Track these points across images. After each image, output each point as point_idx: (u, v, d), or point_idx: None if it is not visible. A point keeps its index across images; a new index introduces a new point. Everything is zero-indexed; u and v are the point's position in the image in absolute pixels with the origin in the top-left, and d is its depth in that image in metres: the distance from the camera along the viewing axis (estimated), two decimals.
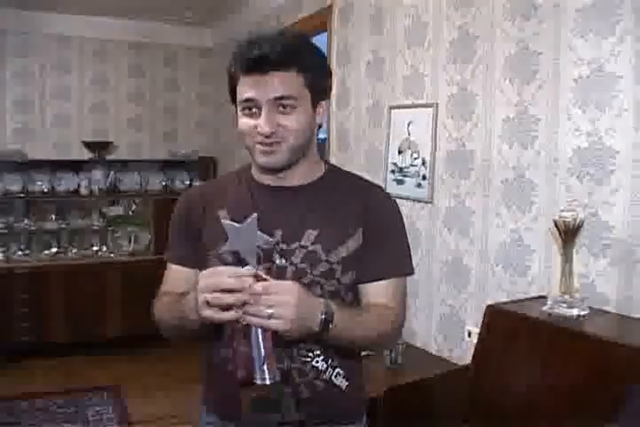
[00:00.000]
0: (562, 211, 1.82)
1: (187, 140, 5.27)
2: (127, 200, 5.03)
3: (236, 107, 1.27)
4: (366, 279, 1.38)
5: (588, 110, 1.90)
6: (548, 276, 2.04)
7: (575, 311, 1.75)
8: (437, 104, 2.56)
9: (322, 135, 4.88)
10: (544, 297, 2.00)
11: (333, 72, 3.25)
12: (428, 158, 2.65)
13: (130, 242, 4.93)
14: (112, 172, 4.92)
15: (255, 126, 1.23)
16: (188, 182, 5.08)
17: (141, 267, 4.49)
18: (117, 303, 4.51)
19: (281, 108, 1.23)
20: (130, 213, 5.04)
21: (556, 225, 1.81)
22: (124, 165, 5.01)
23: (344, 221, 1.36)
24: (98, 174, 4.87)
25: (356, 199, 1.39)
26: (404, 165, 2.81)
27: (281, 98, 1.22)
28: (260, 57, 1.20)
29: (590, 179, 1.90)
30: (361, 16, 3.11)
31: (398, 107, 2.83)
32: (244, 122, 1.25)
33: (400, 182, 2.83)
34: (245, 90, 1.22)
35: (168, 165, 5.14)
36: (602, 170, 1.87)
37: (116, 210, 5.02)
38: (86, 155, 4.85)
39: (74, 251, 4.76)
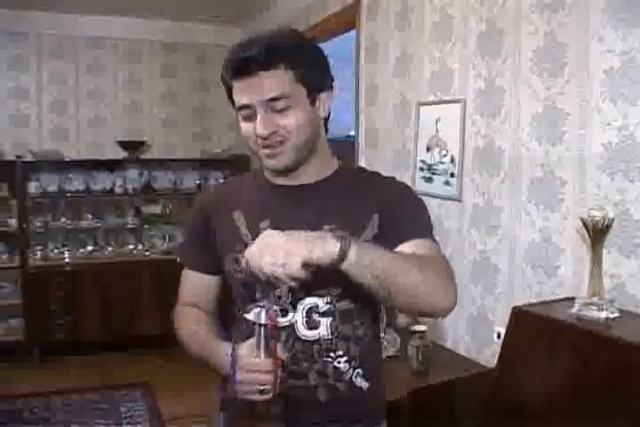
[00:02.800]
0: (590, 209, 1.76)
1: (219, 139, 5.30)
2: (162, 199, 5.08)
3: (236, 113, 1.26)
4: (396, 243, 1.27)
5: (619, 104, 1.83)
6: (581, 277, 1.97)
7: (604, 314, 1.68)
8: (465, 100, 2.50)
9: (351, 132, 4.86)
10: (572, 299, 1.95)
11: (362, 69, 3.27)
12: (456, 155, 2.59)
13: (164, 241, 4.97)
14: (146, 171, 4.98)
15: (254, 130, 1.22)
16: (222, 180, 5.09)
17: (175, 265, 4.51)
18: (151, 302, 4.56)
19: (276, 109, 1.20)
20: (165, 211, 5.08)
21: (585, 224, 1.74)
22: (159, 164, 5.06)
23: (359, 213, 1.34)
24: (132, 173, 4.94)
25: (370, 191, 1.36)
26: (432, 163, 2.76)
27: (274, 99, 1.19)
28: (245, 60, 1.18)
29: (622, 175, 1.83)
30: (387, 12, 3.06)
31: (426, 103, 2.77)
32: (244, 127, 1.25)
33: (429, 180, 2.78)
34: (239, 96, 1.22)
35: (201, 164, 5.18)
36: (634, 166, 1.79)
37: (151, 209, 5.07)
38: (121, 154, 4.91)
39: (109, 249, 4.83)
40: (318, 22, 3.75)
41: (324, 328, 1.32)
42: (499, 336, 2.34)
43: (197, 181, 5.11)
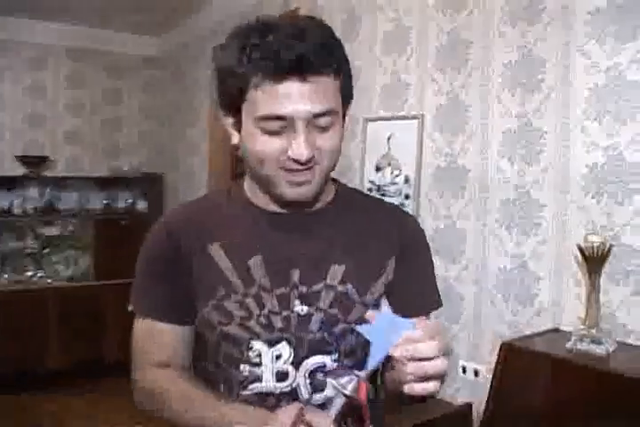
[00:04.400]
0: (588, 234, 1.62)
1: (129, 155, 4.89)
2: (65, 220, 4.61)
3: (236, 119, 0.98)
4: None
5: (606, 122, 1.72)
6: (562, 306, 1.83)
7: (603, 349, 1.54)
8: (423, 116, 2.34)
9: None
10: (557, 330, 1.81)
11: None
12: (411, 176, 2.42)
13: (68, 266, 4.52)
14: (48, 189, 4.51)
15: (284, 150, 0.93)
16: (131, 201, 4.71)
17: (82, 293, 4.13)
18: (56, 333, 4.09)
19: (320, 126, 0.94)
20: (68, 234, 4.62)
21: (581, 251, 1.60)
22: (62, 181, 4.59)
23: (375, 253, 1.11)
24: (33, 192, 4.46)
25: (387, 224, 1.14)
26: (382, 183, 2.58)
27: (321, 114, 0.93)
28: (298, 58, 0.89)
29: (609, 198, 1.71)
30: (331, 21, 2.86)
31: (376, 119, 2.60)
32: (266, 143, 0.94)
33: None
34: (271, 102, 0.91)
35: (110, 183, 4.75)
36: (623, 188, 1.68)
37: (53, 231, 4.60)
38: (20, 171, 4.41)
39: (5, 276, 4.31)
40: None
41: (332, 391, 1.08)
42: (464, 371, 2.18)
43: (105, 201, 4.70)
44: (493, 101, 2.05)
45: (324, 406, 1.06)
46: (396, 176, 2.50)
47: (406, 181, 2.46)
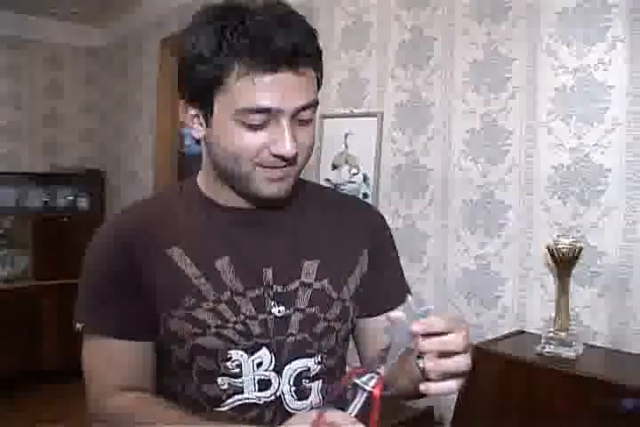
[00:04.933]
0: (559, 236, 1.60)
1: (70, 151, 4.67)
2: (1, 218, 4.38)
3: (204, 111, 0.89)
4: (375, 312, 1.08)
5: (573, 124, 1.70)
6: (525, 307, 1.82)
7: (573, 352, 1.53)
8: (383, 114, 2.30)
9: None
10: (523, 332, 1.79)
11: None
12: (370, 174, 2.37)
13: (4, 266, 4.29)
14: None
15: (265, 145, 0.86)
16: (71, 198, 4.50)
17: (19, 295, 3.92)
18: None
19: (302, 119, 0.88)
20: (3, 233, 4.39)
21: (551, 253, 1.58)
22: None
23: (347, 245, 1.07)
24: None
25: (355, 217, 1.10)
26: (339, 182, 2.52)
27: (305, 107, 0.87)
28: (293, 48, 0.82)
29: (576, 199, 1.70)
30: None
31: (332, 116, 2.54)
32: (245, 137, 0.87)
33: None
34: (257, 94, 0.83)
35: (49, 179, 4.53)
36: (589, 190, 1.67)
37: None
38: None
39: None
40: None
41: (315, 395, 1.01)
42: None
43: (44, 199, 4.48)
44: (457, 100, 2.02)
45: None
46: (354, 175, 2.45)
47: (364, 179, 2.40)
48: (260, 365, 0.95)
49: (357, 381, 0.76)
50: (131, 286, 0.95)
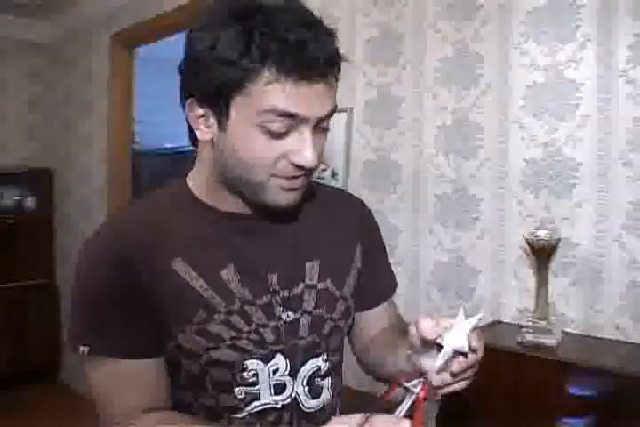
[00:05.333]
0: (536, 229, 1.66)
1: (16, 149, 4.49)
2: None
3: (217, 113, 0.85)
4: (370, 306, 1.14)
5: (545, 119, 1.76)
6: (500, 298, 1.87)
7: (553, 339, 1.59)
8: (352, 109, 2.31)
9: (168, 144, 4.43)
10: (500, 322, 1.85)
11: None
12: (339, 170, 2.39)
13: None
14: None
15: (284, 154, 0.85)
16: (18, 198, 4.33)
17: None
18: None
19: (321, 127, 0.87)
20: None
21: (529, 244, 1.64)
22: None
23: (343, 242, 1.09)
24: None
25: (346, 212, 1.13)
26: None
27: (327, 115, 0.86)
28: (328, 60, 0.83)
29: (548, 193, 1.76)
30: None
31: None
32: (267, 145, 0.84)
33: None
34: (288, 101, 0.81)
35: None
36: (561, 183, 1.74)
37: None
38: None
39: None
40: (151, 19, 3.32)
41: (327, 392, 1.04)
42: None
43: None
44: (428, 96, 2.05)
45: (320, 411, 1.02)
46: (323, 170, 2.46)
47: (334, 175, 2.42)
48: (276, 371, 0.96)
49: (407, 385, 0.78)
50: (135, 303, 0.90)
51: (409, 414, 0.76)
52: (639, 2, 1.57)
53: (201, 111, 0.87)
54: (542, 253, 1.62)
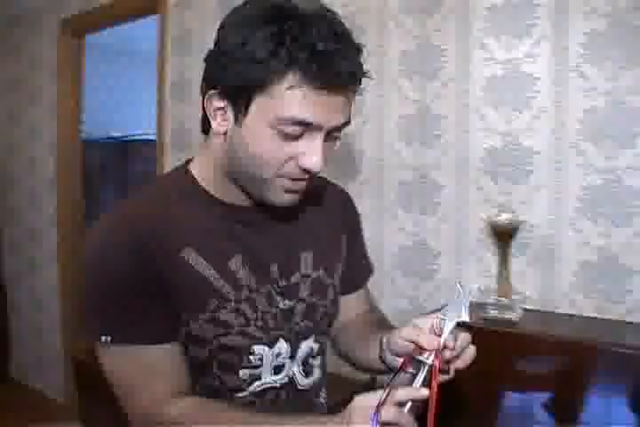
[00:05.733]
0: (498, 212, 1.78)
1: None
2: None
3: (236, 106, 0.88)
4: (348, 290, 1.23)
5: (503, 110, 1.89)
6: (459, 279, 1.99)
7: (516, 315, 1.72)
8: None
9: (114, 133, 4.37)
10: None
11: (167, 61, 2.95)
12: None
13: None
14: None
15: (293, 156, 0.88)
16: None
17: None
18: None
19: (332, 135, 0.92)
20: None
21: (493, 227, 1.76)
22: None
23: (332, 233, 1.17)
24: None
25: (331, 202, 1.20)
26: None
27: (341, 126, 0.91)
28: (351, 76, 0.86)
29: (506, 179, 1.89)
30: (204, 1, 2.80)
31: None
32: (279, 146, 0.87)
33: None
34: (306, 108, 0.84)
35: None
36: (518, 170, 1.86)
37: None
38: None
39: None
40: (102, 6, 3.27)
41: (318, 370, 1.13)
42: None
43: None
44: (390, 87, 2.14)
45: (312, 389, 1.10)
46: None
47: None
48: (278, 355, 1.03)
49: (420, 357, 0.87)
50: (153, 290, 0.92)
51: (424, 384, 0.85)
52: (590, 3, 1.70)
53: (221, 104, 0.90)
54: (504, 236, 1.74)
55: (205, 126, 1.00)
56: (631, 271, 1.66)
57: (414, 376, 0.87)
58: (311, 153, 0.88)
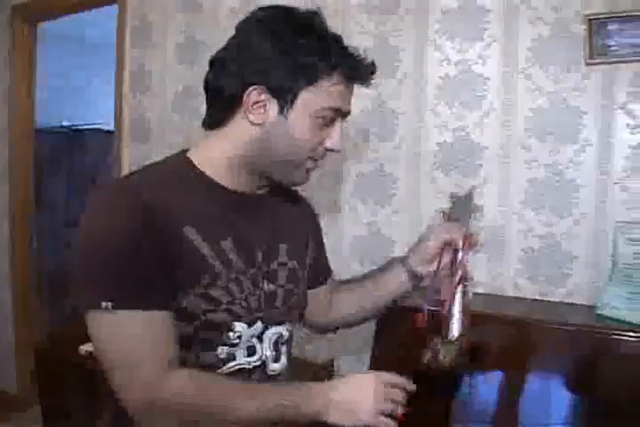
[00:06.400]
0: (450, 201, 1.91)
1: None
2: None
3: (281, 100, 1.02)
4: (316, 285, 1.37)
5: (455, 108, 2.02)
6: None
7: (467, 298, 1.85)
8: None
9: (64, 122, 4.33)
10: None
11: (126, 52, 2.97)
12: None
13: None
14: None
15: (321, 141, 1.07)
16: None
17: None
18: None
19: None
20: None
21: (447, 218, 1.88)
22: None
23: (301, 230, 1.30)
24: None
25: (301, 203, 1.36)
26: None
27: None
28: (372, 69, 1.10)
29: (457, 172, 2.02)
30: None
31: None
32: (317, 132, 1.06)
33: None
34: (342, 99, 1.06)
35: None
36: (469, 164, 2.00)
37: None
38: None
39: None
40: None
41: (284, 357, 1.22)
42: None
43: None
44: None
45: (279, 374, 1.18)
46: None
47: None
48: (253, 336, 1.11)
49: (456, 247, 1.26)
50: (155, 258, 0.96)
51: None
52: (537, 11, 1.85)
53: (262, 98, 1.02)
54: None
55: (217, 120, 1.10)
56: (571, 257, 1.82)
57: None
58: (336, 135, 1.08)
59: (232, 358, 1.08)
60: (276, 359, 1.17)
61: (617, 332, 1.49)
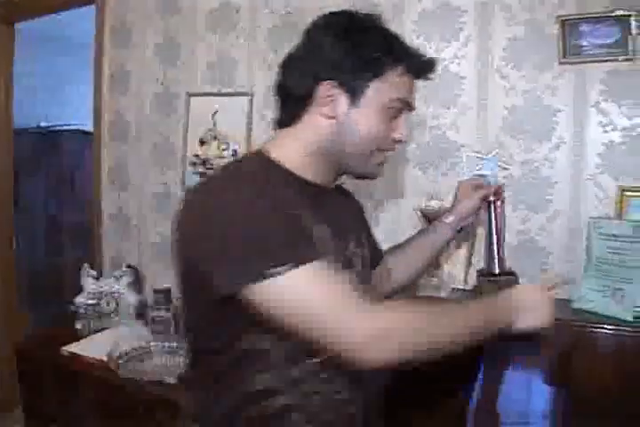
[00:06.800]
0: (428, 200, 1.94)
1: None
2: None
3: (351, 91, 1.08)
4: (375, 267, 1.47)
5: (433, 107, 2.05)
6: None
7: (444, 292, 1.89)
8: (253, 93, 2.48)
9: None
10: None
11: (106, 53, 2.97)
12: (240, 150, 2.55)
13: None
14: None
15: (389, 131, 1.14)
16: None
17: None
18: None
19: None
20: None
21: (424, 214, 1.92)
22: None
23: (361, 221, 1.44)
24: None
25: (353, 199, 1.47)
26: (208, 157, 2.66)
27: None
28: (433, 64, 1.19)
29: (434, 170, 2.06)
30: None
31: (199, 94, 2.66)
32: (386, 124, 1.12)
33: (204, 175, 2.68)
34: (408, 91, 1.14)
35: None
36: (446, 162, 2.04)
37: None
38: None
39: None
40: None
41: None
42: None
43: None
44: None
45: None
46: (224, 150, 2.61)
47: (234, 154, 2.57)
48: None
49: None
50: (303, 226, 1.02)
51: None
52: (511, 12, 1.89)
53: (333, 92, 1.08)
54: (433, 221, 1.91)
55: (291, 118, 1.15)
56: (546, 252, 1.86)
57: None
58: (403, 127, 1.15)
59: None
60: None
61: (593, 325, 1.53)
